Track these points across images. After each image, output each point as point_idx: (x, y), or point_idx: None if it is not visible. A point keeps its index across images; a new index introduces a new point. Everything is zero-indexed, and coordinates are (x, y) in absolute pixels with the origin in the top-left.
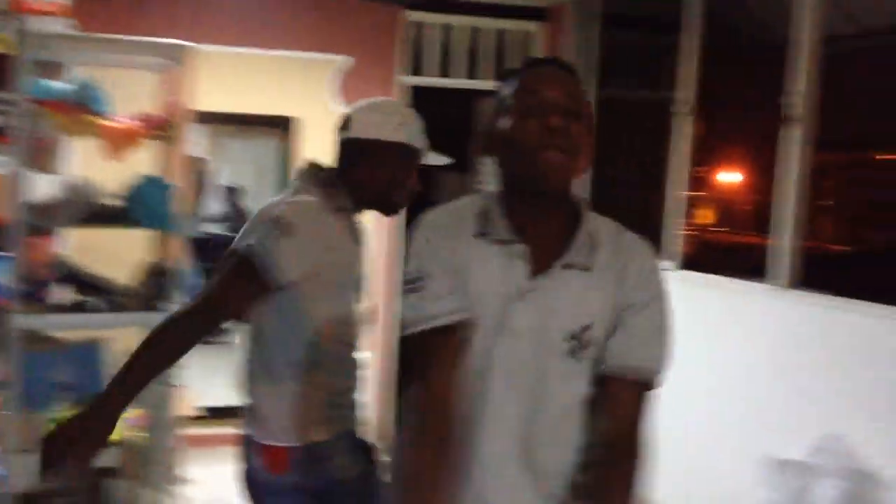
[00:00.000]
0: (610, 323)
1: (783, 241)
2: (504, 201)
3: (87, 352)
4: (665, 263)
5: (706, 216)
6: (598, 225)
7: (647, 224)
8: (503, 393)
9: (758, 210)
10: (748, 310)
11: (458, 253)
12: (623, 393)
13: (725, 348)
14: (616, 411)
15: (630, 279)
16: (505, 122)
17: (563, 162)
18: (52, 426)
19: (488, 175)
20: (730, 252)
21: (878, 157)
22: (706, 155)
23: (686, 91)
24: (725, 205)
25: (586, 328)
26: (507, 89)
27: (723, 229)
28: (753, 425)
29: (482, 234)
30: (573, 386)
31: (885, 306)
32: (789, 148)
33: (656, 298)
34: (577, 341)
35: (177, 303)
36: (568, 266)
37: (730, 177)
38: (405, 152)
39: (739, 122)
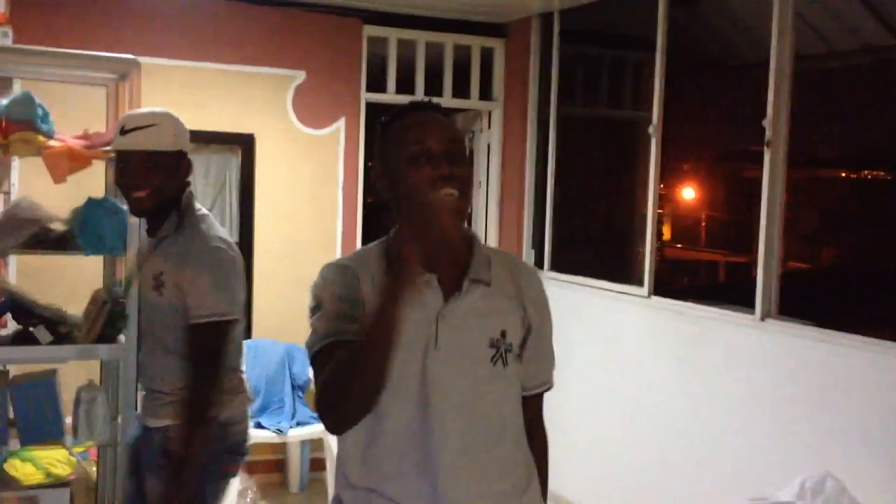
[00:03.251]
0: (520, 333)
1: (765, 269)
2: (395, 241)
3: (43, 385)
4: (635, 289)
5: (667, 233)
6: (489, 247)
7: (610, 241)
8: (442, 406)
9: (715, 226)
10: (730, 341)
11: (365, 290)
12: (535, 404)
13: (704, 380)
14: (534, 420)
15: (529, 300)
16: (393, 172)
17: (457, 206)
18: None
19: None
20: (692, 269)
21: (827, 174)
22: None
23: (654, 110)
24: (685, 221)
25: (504, 333)
26: (391, 138)
27: (678, 245)
28: (739, 463)
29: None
30: (504, 393)
31: (871, 339)
32: (768, 171)
33: (548, 317)
34: (498, 348)
35: (126, 334)
36: (474, 281)
37: (687, 193)
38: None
39: (697, 138)
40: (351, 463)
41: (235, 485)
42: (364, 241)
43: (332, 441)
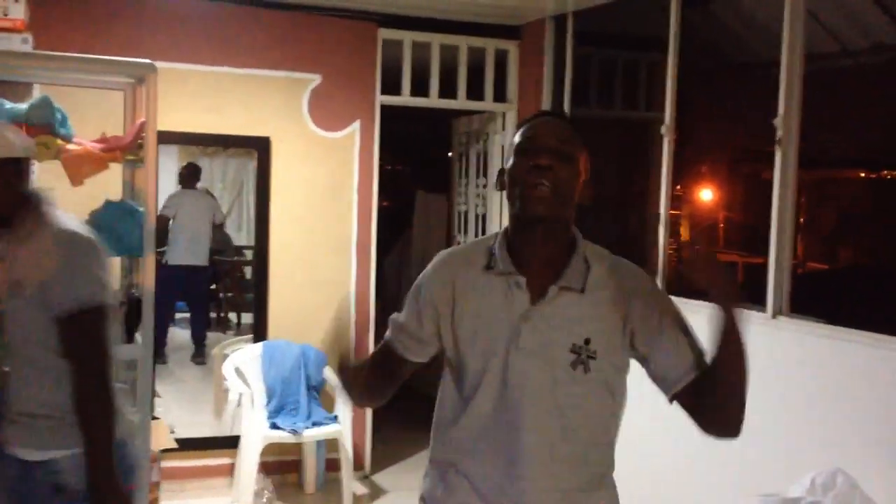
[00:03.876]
0: (616, 339)
1: (777, 267)
2: (508, 237)
3: None
4: None
5: (684, 234)
6: (592, 250)
7: (626, 243)
8: (521, 399)
9: (733, 228)
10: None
11: (459, 284)
12: (685, 399)
13: None
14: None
15: (639, 300)
16: (508, 163)
17: (547, 195)
18: None
19: (468, 196)
20: None
21: (843, 174)
22: (683, 173)
23: (667, 111)
24: (703, 223)
25: (587, 341)
26: (515, 136)
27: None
28: (750, 460)
29: (489, 267)
30: (583, 397)
31: (882, 336)
32: (779, 170)
33: (669, 310)
34: (579, 354)
35: (147, 333)
36: (564, 289)
37: (705, 194)
38: None
39: (713, 139)
40: (436, 441)
41: (252, 485)
42: (379, 245)
43: (347, 441)
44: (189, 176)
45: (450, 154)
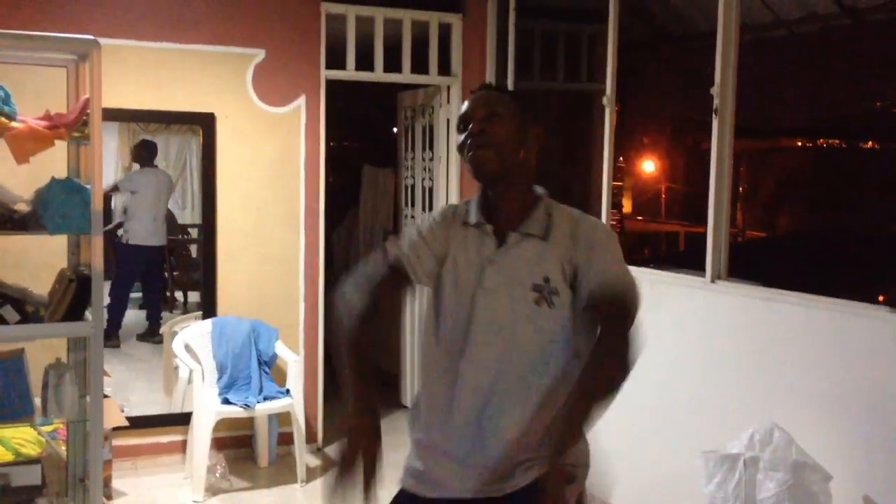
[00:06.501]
0: (566, 275)
1: (714, 232)
2: (479, 196)
3: (11, 364)
4: None
5: (627, 205)
6: (557, 206)
7: None
8: (484, 336)
9: (671, 198)
10: (680, 302)
11: (447, 236)
12: (603, 306)
13: (659, 342)
14: (605, 329)
15: (581, 244)
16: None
17: (486, 156)
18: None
19: (414, 170)
20: (653, 241)
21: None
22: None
23: (608, 82)
24: (645, 194)
25: (546, 279)
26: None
27: (638, 217)
28: (691, 418)
29: (464, 222)
30: (542, 329)
31: (815, 296)
32: (717, 138)
33: (599, 251)
34: (540, 291)
35: (92, 311)
36: (527, 235)
37: (647, 166)
38: None
39: (655, 111)
40: (409, 423)
41: (205, 461)
42: (327, 220)
43: (299, 415)
44: (146, 154)
45: (395, 129)
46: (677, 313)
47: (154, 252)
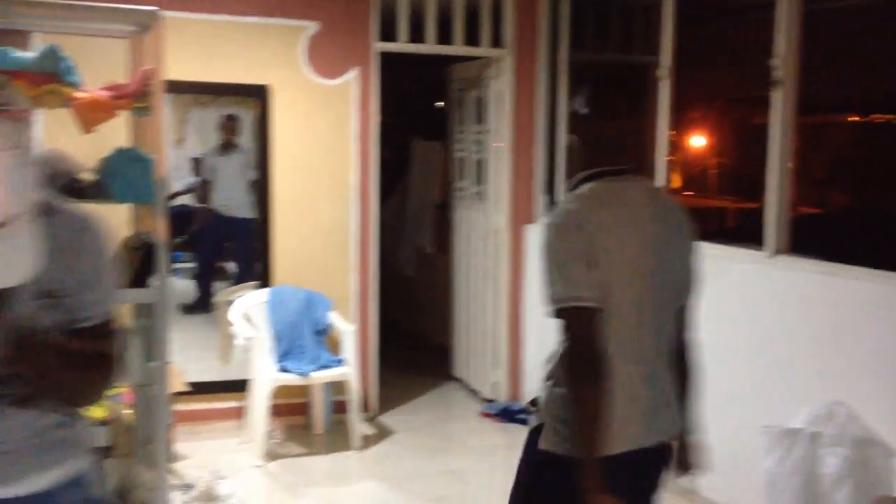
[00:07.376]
0: None
1: (775, 207)
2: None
3: None
4: None
5: (676, 180)
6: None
7: None
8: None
9: (725, 173)
10: (742, 277)
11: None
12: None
13: (719, 316)
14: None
15: None
16: None
17: None
18: None
19: (466, 143)
20: (702, 216)
21: (842, 118)
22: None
23: (664, 55)
24: (694, 168)
25: None
26: None
27: (689, 193)
28: (754, 392)
29: None
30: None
31: (879, 271)
32: (775, 112)
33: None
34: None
35: (161, 277)
36: None
37: (697, 140)
38: None
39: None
40: None
41: (262, 426)
42: (382, 192)
43: (354, 383)
44: (231, 128)
45: (441, 104)
46: (737, 287)
47: (242, 224)
